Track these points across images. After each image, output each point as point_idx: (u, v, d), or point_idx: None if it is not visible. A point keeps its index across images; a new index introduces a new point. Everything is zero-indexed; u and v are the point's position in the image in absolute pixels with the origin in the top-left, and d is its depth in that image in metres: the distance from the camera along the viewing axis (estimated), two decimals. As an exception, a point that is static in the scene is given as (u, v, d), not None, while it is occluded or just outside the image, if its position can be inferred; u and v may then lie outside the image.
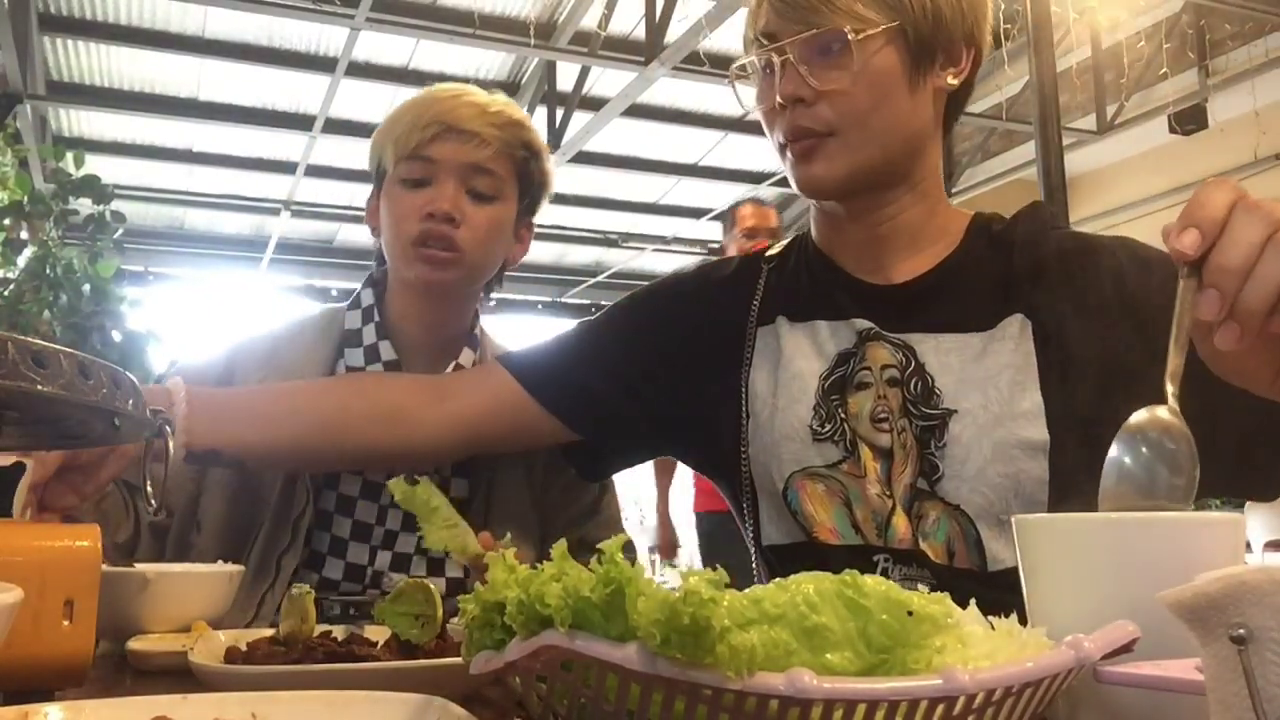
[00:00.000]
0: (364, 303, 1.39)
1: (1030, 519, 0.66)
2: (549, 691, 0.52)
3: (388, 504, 1.32)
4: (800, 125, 1.07)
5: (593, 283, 10.21)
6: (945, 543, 1.05)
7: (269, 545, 1.27)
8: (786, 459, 1.12)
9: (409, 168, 1.31)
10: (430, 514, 0.96)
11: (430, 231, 1.28)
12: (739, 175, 8.19)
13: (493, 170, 1.32)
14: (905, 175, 1.12)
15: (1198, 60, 5.96)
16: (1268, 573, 0.41)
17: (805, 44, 1.05)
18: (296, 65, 6.21)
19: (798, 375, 1.14)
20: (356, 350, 1.36)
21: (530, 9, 5.69)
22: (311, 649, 0.84)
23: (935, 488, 1.06)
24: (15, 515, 0.86)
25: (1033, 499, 1.02)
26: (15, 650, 0.62)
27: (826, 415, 1.11)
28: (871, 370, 1.11)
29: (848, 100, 1.05)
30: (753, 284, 1.23)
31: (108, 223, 5.35)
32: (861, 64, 1.04)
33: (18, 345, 0.63)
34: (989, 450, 1.03)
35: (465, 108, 1.32)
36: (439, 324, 1.39)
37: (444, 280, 1.31)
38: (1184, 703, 0.48)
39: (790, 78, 1.06)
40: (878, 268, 1.15)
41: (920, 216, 1.14)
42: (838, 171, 1.08)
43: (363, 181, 7.42)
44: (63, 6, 5.69)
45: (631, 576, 0.48)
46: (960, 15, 1.09)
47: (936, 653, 0.51)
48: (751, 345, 1.19)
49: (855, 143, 1.07)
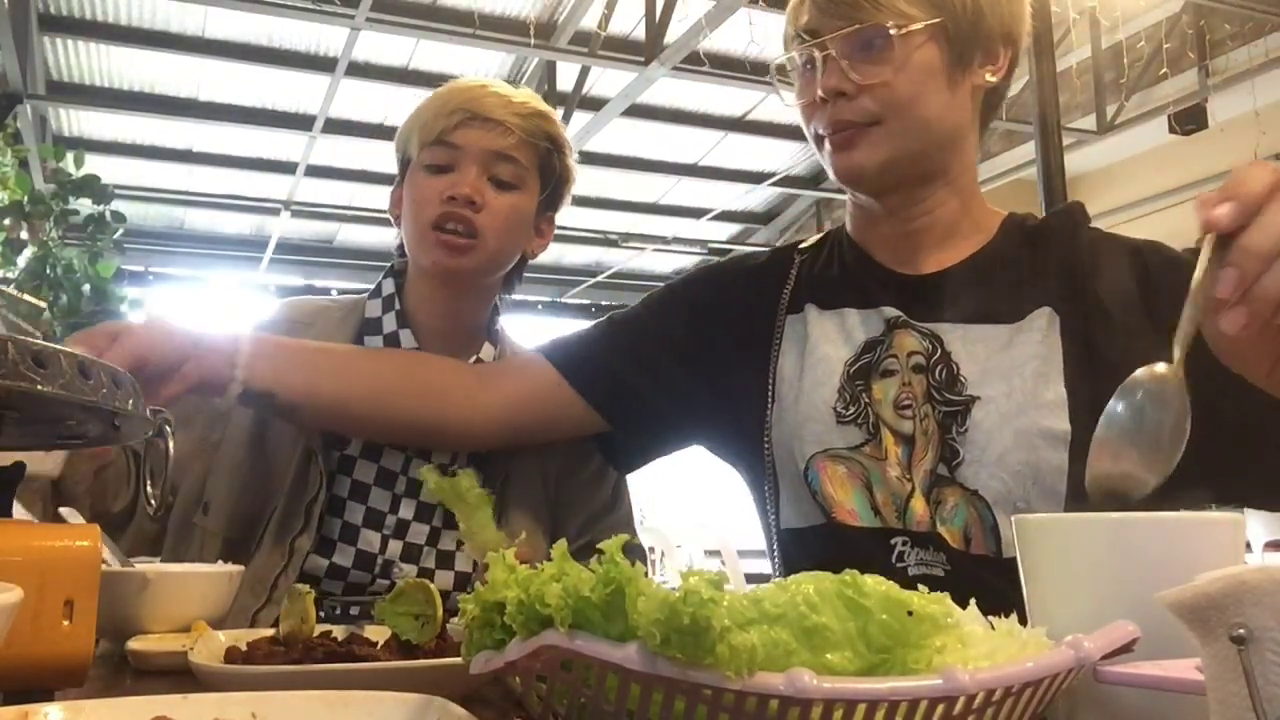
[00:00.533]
0: (384, 291, 1.40)
1: (1030, 519, 0.66)
2: (549, 691, 0.52)
3: (402, 493, 1.32)
4: (842, 118, 1.09)
5: (593, 283, 10.21)
6: (962, 528, 1.07)
7: (282, 528, 1.27)
8: (809, 439, 1.13)
9: (433, 153, 1.33)
10: (470, 512, 0.97)
11: (450, 214, 1.30)
12: (739, 175, 8.19)
13: (515, 158, 1.33)
14: (942, 170, 1.14)
15: (1198, 60, 5.95)
16: (1268, 573, 0.41)
17: (847, 39, 1.07)
18: (296, 65, 6.20)
19: (824, 359, 1.16)
20: (376, 338, 1.37)
21: (530, 9, 5.69)
22: (311, 649, 0.84)
23: (955, 473, 1.07)
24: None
25: (1051, 489, 1.03)
26: (15, 650, 0.62)
27: (850, 398, 1.13)
28: (898, 358, 1.13)
29: (889, 92, 1.07)
30: (785, 274, 1.26)
31: (108, 223, 5.36)
32: (903, 59, 1.06)
33: (18, 345, 0.63)
34: (1010, 438, 1.04)
35: (490, 97, 1.33)
36: (457, 314, 1.39)
37: (461, 267, 1.32)
38: (1184, 703, 0.48)
39: (832, 72, 1.08)
40: (910, 259, 1.17)
41: (955, 212, 1.17)
42: (878, 157, 1.10)
43: (363, 181, 7.40)
44: (63, 6, 5.68)
45: (631, 576, 0.48)
46: (1000, 15, 1.11)
47: (936, 653, 0.51)
48: (780, 332, 1.21)
49: (896, 131, 1.09)
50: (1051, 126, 3.70)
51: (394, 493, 1.32)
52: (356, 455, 1.32)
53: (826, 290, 1.21)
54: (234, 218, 8.79)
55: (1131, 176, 6.81)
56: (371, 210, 8.40)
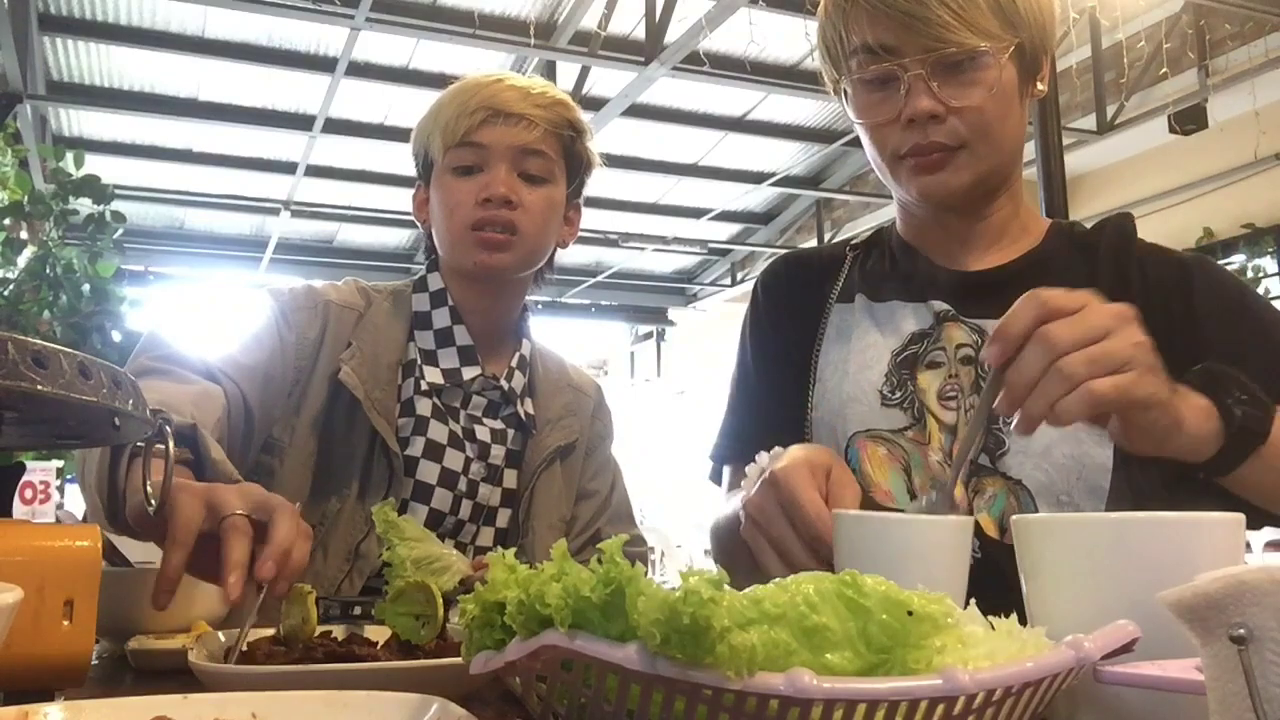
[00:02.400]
0: (432, 286, 1.39)
1: (1030, 519, 0.67)
2: (549, 691, 0.52)
3: (462, 493, 1.32)
4: (934, 140, 1.08)
5: (592, 283, 10.21)
6: (998, 518, 1.08)
7: (348, 532, 1.26)
8: (852, 419, 1.15)
9: (459, 155, 1.32)
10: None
11: (487, 218, 1.29)
12: (739, 175, 8.19)
13: (543, 151, 1.33)
14: (1007, 180, 1.16)
15: (1198, 60, 5.95)
16: (1268, 573, 0.41)
17: (936, 60, 1.06)
18: (296, 65, 6.20)
19: (872, 345, 1.18)
20: (427, 333, 1.36)
21: (530, 9, 5.69)
22: (311, 649, 0.84)
23: (998, 463, 1.08)
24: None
25: (1095, 485, 1.04)
26: (15, 650, 0.62)
27: (897, 384, 1.15)
28: (946, 350, 1.14)
29: (980, 115, 1.08)
30: (837, 269, 1.28)
31: (108, 223, 5.35)
32: (994, 81, 1.07)
33: (18, 345, 0.63)
34: (1056, 431, 1.05)
35: (509, 91, 1.33)
36: (496, 312, 1.40)
37: (502, 264, 1.32)
38: (1184, 703, 0.48)
39: (922, 93, 1.07)
40: (961, 259, 1.19)
41: (1008, 216, 1.19)
42: (964, 180, 1.11)
43: (363, 181, 7.40)
44: (63, 6, 5.68)
45: (632, 576, 0.48)
46: (1047, 27, 1.13)
47: (936, 653, 0.51)
48: (827, 320, 1.23)
49: (982, 153, 1.10)
50: (1051, 126, 3.70)
51: (455, 493, 1.32)
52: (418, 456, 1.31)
53: (877, 283, 1.23)
54: (234, 218, 8.79)
55: (1131, 176, 6.81)
56: (371, 210, 8.41)
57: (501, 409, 1.39)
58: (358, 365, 1.29)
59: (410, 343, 1.36)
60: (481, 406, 1.37)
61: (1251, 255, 6.34)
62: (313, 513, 1.25)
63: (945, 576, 0.75)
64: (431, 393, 1.33)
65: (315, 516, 1.26)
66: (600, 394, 1.55)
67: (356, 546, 1.26)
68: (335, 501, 1.26)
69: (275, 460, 1.27)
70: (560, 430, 1.42)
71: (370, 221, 8.72)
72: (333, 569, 1.25)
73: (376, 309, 1.37)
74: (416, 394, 1.32)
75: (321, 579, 1.23)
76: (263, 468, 1.27)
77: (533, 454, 1.39)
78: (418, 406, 1.32)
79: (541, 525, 1.37)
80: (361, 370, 1.29)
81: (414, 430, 1.30)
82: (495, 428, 1.38)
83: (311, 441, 1.29)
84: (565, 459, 1.43)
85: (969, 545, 0.81)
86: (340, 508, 1.26)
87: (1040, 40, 1.11)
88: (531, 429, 1.40)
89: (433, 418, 1.32)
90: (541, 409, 1.42)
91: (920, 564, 0.75)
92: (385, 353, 1.33)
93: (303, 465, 1.28)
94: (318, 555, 1.24)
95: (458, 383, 1.35)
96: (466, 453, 1.33)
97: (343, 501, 1.26)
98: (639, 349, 12.47)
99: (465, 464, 1.33)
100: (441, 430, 1.32)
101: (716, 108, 7.14)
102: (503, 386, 1.38)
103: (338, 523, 1.26)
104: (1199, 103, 5.83)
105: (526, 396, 1.41)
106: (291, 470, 1.27)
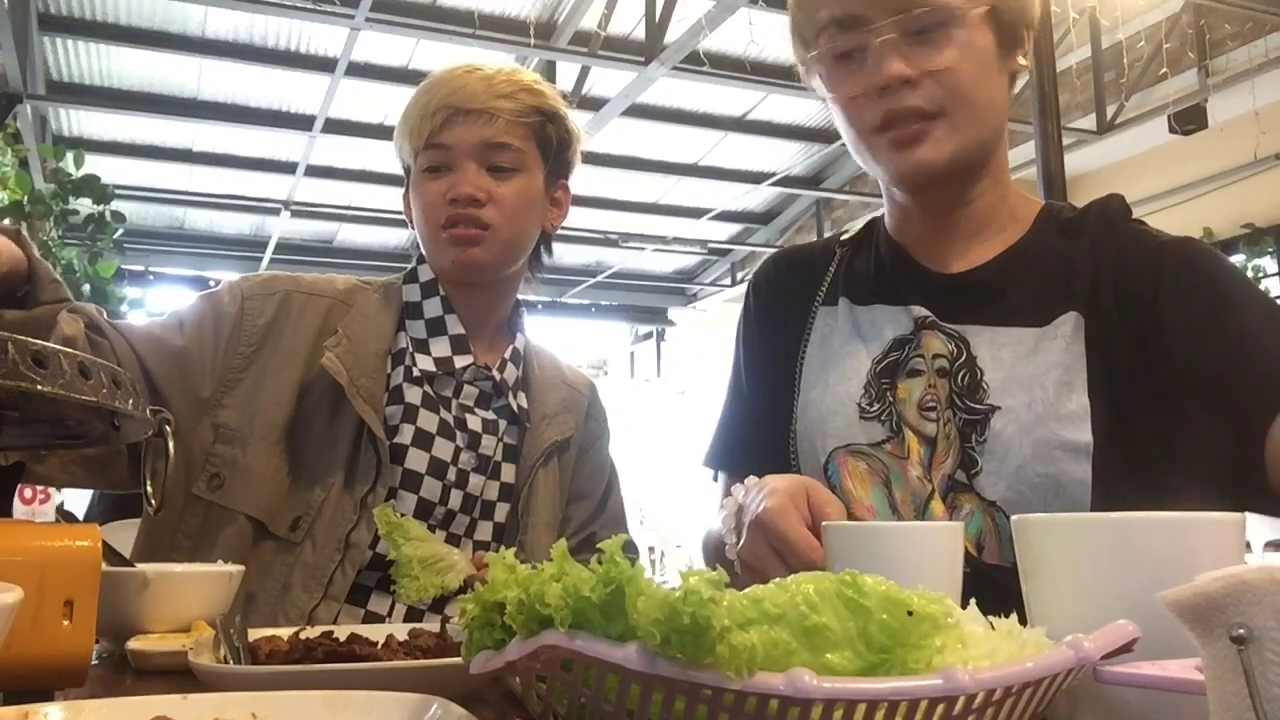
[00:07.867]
0: (423, 277, 1.39)
1: (1030, 519, 0.66)
2: (549, 691, 0.52)
3: (451, 483, 1.32)
4: (909, 105, 1.04)
5: (592, 283, 10.21)
6: (976, 536, 1.06)
7: (335, 520, 1.25)
8: (831, 434, 1.14)
9: (427, 157, 1.33)
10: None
11: (456, 216, 1.30)
12: (739, 175, 8.19)
13: (508, 143, 1.32)
14: (987, 162, 1.12)
15: (1198, 60, 5.95)
16: (1268, 573, 0.41)
17: (902, 25, 1.03)
18: (296, 65, 6.21)
19: (852, 354, 1.16)
20: (418, 322, 1.36)
21: (530, 9, 5.69)
22: (311, 649, 0.84)
23: (973, 481, 1.06)
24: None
25: (1076, 500, 1.02)
26: (15, 650, 0.62)
27: (876, 395, 1.13)
28: (924, 359, 1.12)
29: (954, 78, 1.04)
30: (826, 267, 1.26)
31: (108, 223, 5.35)
32: (967, 42, 1.04)
33: (18, 345, 0.63)
34: (1029, 449, 1.03)
35: (473, 84, 1.32)
36: (484, 308, 1.40)
37: (477, 259, 1.32)
38: (1184, 703, 0.48)
39: (893, 57, 1.03)
40: (945, 254, 1.16)
41: (994, 203, 1.15)
42: (944, 154, 1.06)
43: (362, 181, 7.41)
44: (63, 6, 5.68)
45: (632, 576, 0.48)
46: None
47: (936, 653, 0.51)
48: (812, 325, 1.22)
49: (961, 123, 1.05)
50: (1051, 126, 3.70)
51: (444, 483, 1.32)
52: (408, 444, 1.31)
53: (861, 285, 1.21)
54: (234, 218, 8.79)
55: (1131, 176, 6.80)
56: (371, 210, 8.41)
57: (494, 400, 1.39)
58: (343, 353, 1.29)
59: (401, 332, 1.36)
60: (473, 396, 1.37)
61: (1251, 255, 6.33)
62: (297, 504, 1.25)
63: (939, 582, 0.75)
64: (422, 380, 1.33)
65: (300, 507, 1.25)
66: (594, 392, 1.55)
67: (346, 536, 1.25)
68: (320, 491, 1.26)
69: (237, 450, 1.26)
70: (556, 425, 1.42)
71: (370, 221, 8.72)
72: (323, 559, 1.24)
73: (366, 300, 1.38)
74: (407, 382, 1.32)
75: (313, 570, 1.23)
76: (223, 458, 1.26)
77: (530, 448, 1.39)
78: (407, 394, 1.31)
79: (539, 522, 1.37)
80: (347, 358, 1.29)
81: (403, 418, 1.30)
82: (487, 418, 1.37)
83: (277, 430, 1.28)
84: (560, 457, 1.44)
85: (960, 550, 0.80)
86: (325, 497, 1.25)
87: (1019, 10, 1.08)
88: (525, 422, 1.40)
89: (423, 406, 1.32)
90: (536, 404, 1.42)
91: (913, 572, 0.75)
92: (373, 341, 1.33)
93: (271, 454, 1.27)
94: (306, 546, 1.24)
95: (449, 370, 1.34)
96: (456, 442, 1.33)
97: (327, 490, 1.26)
98: (639, 349, 12.47)
99: (455, 453, 1.32)
100: (431, 419, 1.32)
101: (716, 108, 7.14)
102: (495, 377, 1.38)
103: (323, 512, 1.25)
104: (1199, 103, 5.83)
105: (520, 390, 1.41)
106: (258, 459, 1.26)
